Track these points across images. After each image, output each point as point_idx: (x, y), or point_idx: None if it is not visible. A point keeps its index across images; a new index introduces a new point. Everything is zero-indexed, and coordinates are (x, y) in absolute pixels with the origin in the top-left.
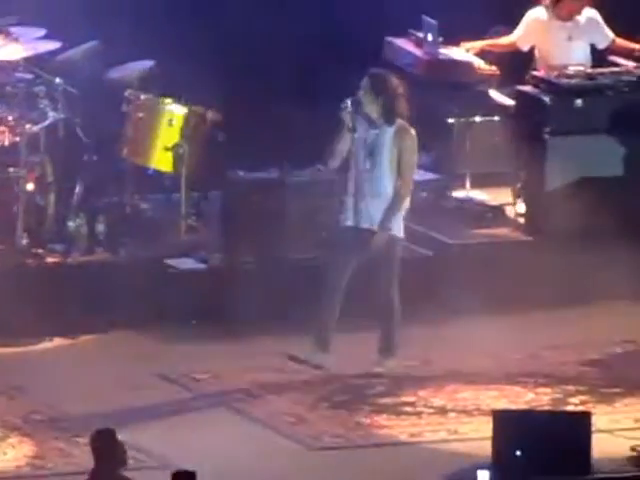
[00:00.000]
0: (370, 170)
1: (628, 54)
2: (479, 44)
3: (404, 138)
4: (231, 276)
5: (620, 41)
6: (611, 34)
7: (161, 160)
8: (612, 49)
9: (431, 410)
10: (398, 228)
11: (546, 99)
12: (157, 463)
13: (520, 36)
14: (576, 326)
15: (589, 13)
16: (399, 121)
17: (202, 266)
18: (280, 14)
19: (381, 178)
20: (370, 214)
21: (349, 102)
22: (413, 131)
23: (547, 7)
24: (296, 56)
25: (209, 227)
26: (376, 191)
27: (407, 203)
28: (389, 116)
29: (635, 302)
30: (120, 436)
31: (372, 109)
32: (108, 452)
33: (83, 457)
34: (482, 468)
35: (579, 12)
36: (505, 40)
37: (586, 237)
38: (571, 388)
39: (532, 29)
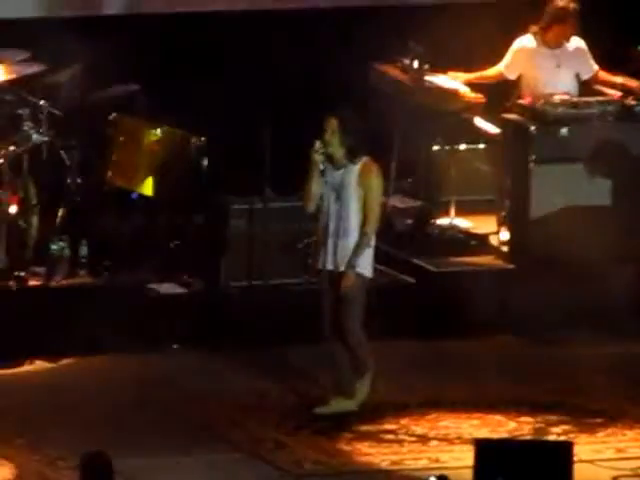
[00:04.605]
0: (338, 211)
1: (611, 87)
2: (467, 76)
3: (369, 176)
4: (213, 301)
5: (603, 73)
6: (595, 65)
7: (144, 184)
8: (595, 81)
9: (412, 438)
10: (366, 266)
11: (531, 127)
12: None
13: (507, 65)
14: (559, 354)
15: (577, 42)
16: (364, 158)
17: (184, 290)
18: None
19: (348, 218)
20: (340, 255)
21: (319, 144)
22: (377, 167)
23: (535, 35)
24: (280, 83)
25: (191, 251)
26: (345, 231)
27: (373, 240)
28: (354, 155)
29: (617, 331)
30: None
31: (338, 150)
32: (97, 476)
33: None
34: None
35: (567, 39)
36: (492, 71)
37: (570, 266)
38: (553, 417)
39: (519, 57)
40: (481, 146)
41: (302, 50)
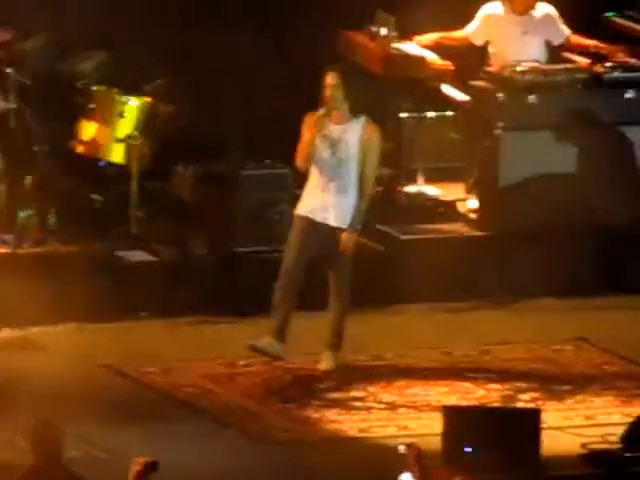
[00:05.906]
0: (335, 166)
1: (583, 51)
2: (432, 37)
3: (373, 137)
4: (182, 269)
5: (575, 38)
6: (567, 30)
7: (113, 152)
8: (567, 46)
9: (381, 405)
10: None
11: (499, 95)
12: (106, 455)
13: (474, 30)
14: (526, 322)
15: (546, 8)
16: (364, 117)
17: (153, 258)
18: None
19: (348, 175)
20: (335, 210)
21: (326, 107)
22: (380, 130)
23: (503, 2)
24: (248, 49)
25: (160, 219)
26: (342, 187)
27: None
28: (356, 111)
29: (585, 298)
30: (69, 428)
31: (342, 104)
32: (45, 444)
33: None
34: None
35: (533, 6)
36: (459, 34)
37: (538, 233)
38: (521, 385)
39: (487, 23)
40: (449, 113)
41: (270, 16)
